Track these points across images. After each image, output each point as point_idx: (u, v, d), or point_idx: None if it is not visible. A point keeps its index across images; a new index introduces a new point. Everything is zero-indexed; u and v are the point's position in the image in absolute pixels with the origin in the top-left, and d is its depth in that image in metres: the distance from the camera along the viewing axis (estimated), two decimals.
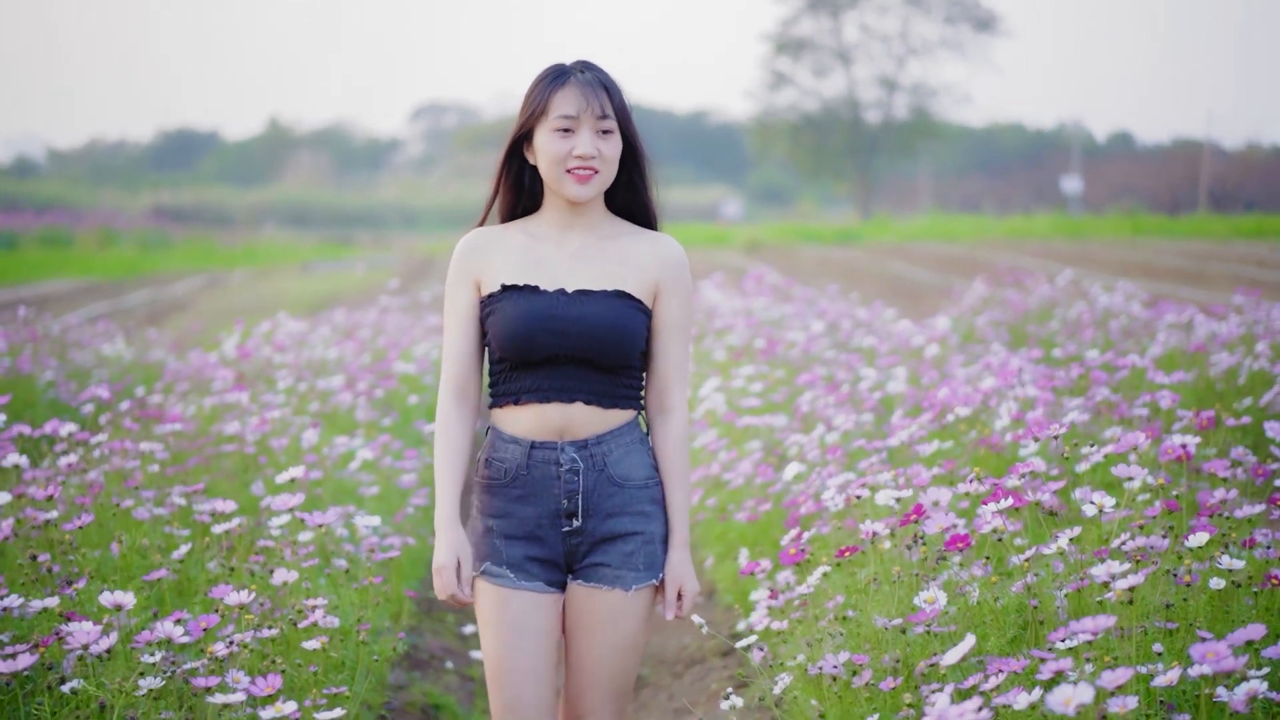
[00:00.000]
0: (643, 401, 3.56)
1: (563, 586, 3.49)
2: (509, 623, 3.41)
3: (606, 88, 3.44)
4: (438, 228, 56.17)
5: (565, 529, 3.45)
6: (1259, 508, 4.19)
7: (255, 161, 77.56)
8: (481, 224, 3.58)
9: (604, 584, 3.47)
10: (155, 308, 21.99)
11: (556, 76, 3.44)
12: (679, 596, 3.48)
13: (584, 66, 3.47)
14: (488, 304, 3.47)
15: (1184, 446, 4.49)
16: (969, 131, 72.13)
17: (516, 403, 3.45)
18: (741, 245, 37.39)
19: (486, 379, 3.56)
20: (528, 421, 3.44)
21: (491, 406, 3.53)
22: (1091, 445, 4.38)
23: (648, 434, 3.56)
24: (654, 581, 3.50)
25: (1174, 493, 4.04)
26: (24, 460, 4.92)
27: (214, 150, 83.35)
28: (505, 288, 3.45)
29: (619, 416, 3.48)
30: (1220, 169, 52.07)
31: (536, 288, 3.44)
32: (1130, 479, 4.17)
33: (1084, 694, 2.58)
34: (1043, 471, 4.63)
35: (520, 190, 3.54)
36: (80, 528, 4.28)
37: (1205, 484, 5.06)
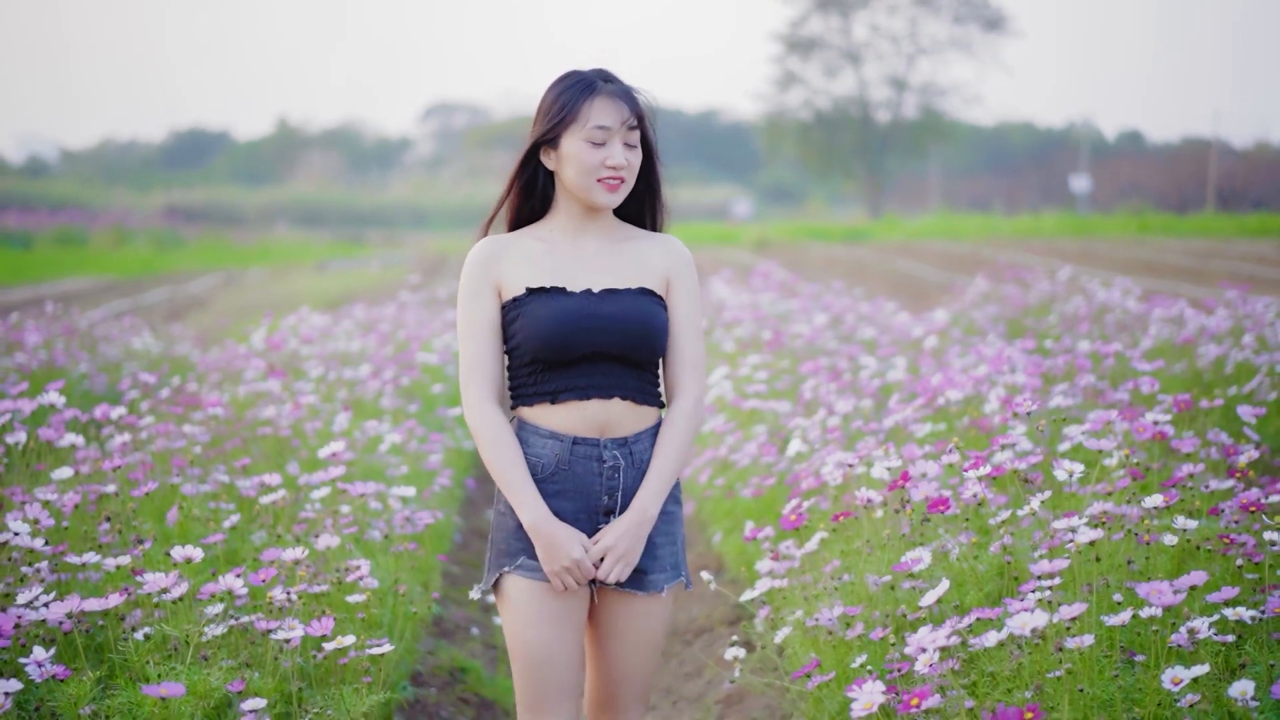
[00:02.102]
0: (663, 398, 3.59)
1: (592, 579, 3.48)
2: (547, 616, 3.43)
3: (632, 100, 3.48)
4: (449, 226, 56.53)
5: (603, 524, 3.47)
6: (1229, 483, 4.57)
7: (266, 161, 78.03)
8: (488, 225, 3.60)
9: (639, 589, 3.49)
10: (175, 304, 22.40)
11: (587, 86, 3.46)
12: (602, 557, 3.43)
13: (607, 76, 3.50)
14: (512, 308, 3.48)
15: (1155, 424, 4.89)
16: (978, 131, 72.36)
17: (554, 401, 3.45)
18: (750, 243, 37.74)
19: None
20: (566, 419, 3.45)
21: (517, 405, 3.53)
22: (1064, 420, 4.76)
23: None
24: (680, 579, 3.55)
25: (1135, 460, 4.40)
26: (79, 439, 5.35)
27: (225, 150, 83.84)
28: (530, 291, 3.46)
29: (650, 415, 3.52)
30: (1229, 168, 52.25)
31: (563, 289, 3.46)
32: (1108, 455, 4.58)
33: (1039, 619, 2.95)
34: (1026, 450, 5.02)
35: (531, 193, 3.57)
36: (147, 494, 4.67)
37: (1181, 462, 5.42)
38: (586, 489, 3.46)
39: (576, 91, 3.46)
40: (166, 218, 53.38)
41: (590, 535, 3.46)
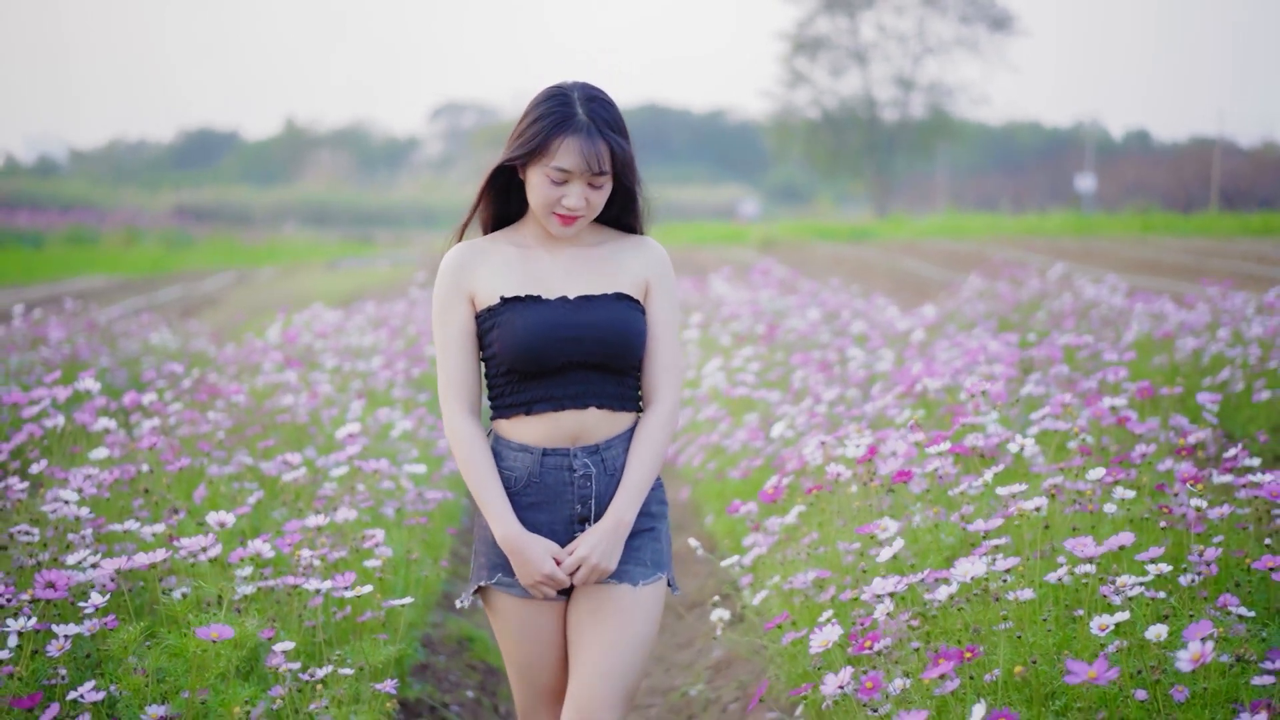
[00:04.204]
0: (641, 402, 3.56)
1: (569, 589, 3.50)
2: (529, 630, 3.48)
3: (608, 139, 3.38)
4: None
5: (578, 533, 3.46)
6: (1184, 464, 4.95)
7: (275, 161, 78.55)
8: (461, 234, 3.55)
9: (611, 579, 3.44)
10: (188, 302, 22.82)
11: (562, 121, 3.36)
12: (577, 567, 3.40)
13: (591, 110, 3.38)
14: (487, 318, 3.44)
15: (1113, 410, 5.29)
16: (986, 130, 72.69)
17: (529, 412, 3.43)
18: (756, 243, 38.09)
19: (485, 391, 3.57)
20: (539, 430, 3.43)
21: (494, 417, 3.52)
22: (1035, 405, 5.14)
23: None
24: (660, 576, 3.49)
25: (1086, 439, 4.77)
26: (112, 424, 5.75)
27: (234, 150, 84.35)
28: (505, 300, 3.42)
29: (626, 420, 3.49)
30: (1235, 167, 52.48)
31: (538, 297, 3.42)
32: (1068, 436, 4.97)
33: (977, 568, 3.34)
34: (993, 432, 5.41)
35: (508, 198, 3.53)
36: (180, 470, 5.08)
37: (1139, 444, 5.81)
38: (559, 499, 3.44)
39: (550, 124, 3.36)
40: (176, 217, 53.79)
41: (566, 544, 3.44)
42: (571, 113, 3.37)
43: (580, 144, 3.35)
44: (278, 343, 10.05)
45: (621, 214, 3.54)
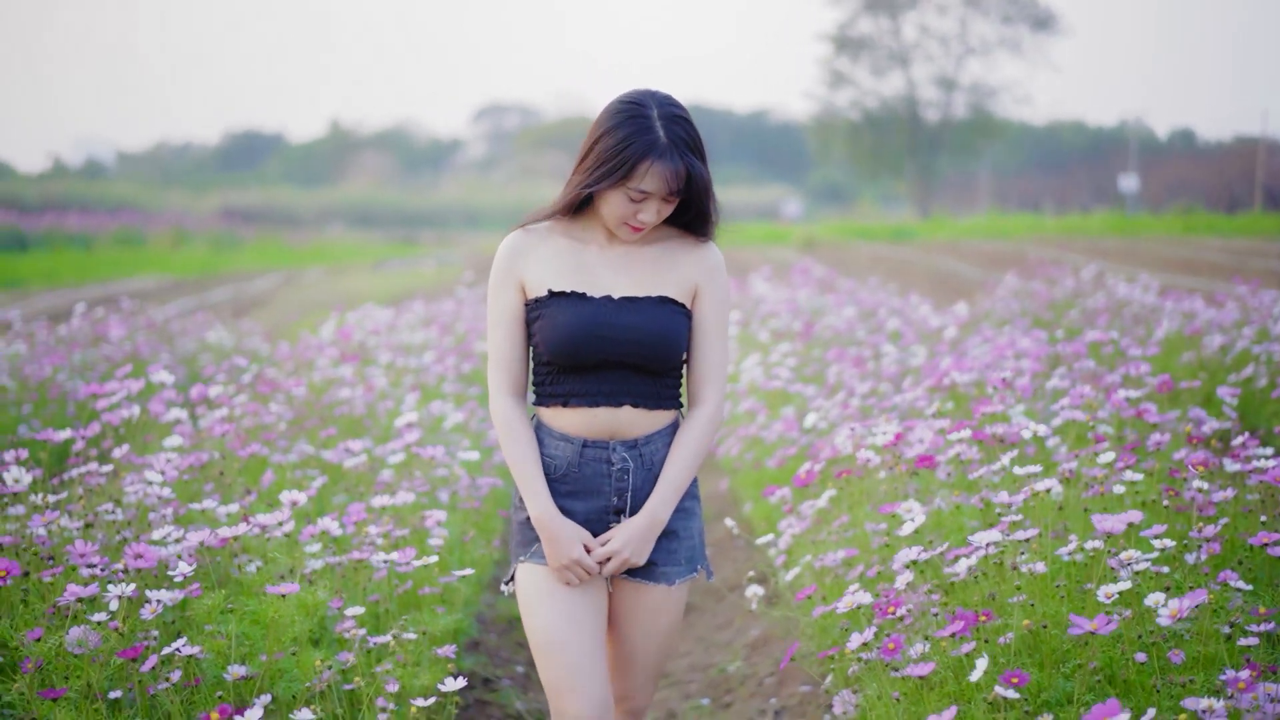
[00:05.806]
0: (683, 400, 3.65)
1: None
2: (560, 597, 3.49)
3: (688, 162, 3.43)
4: (500, 226, 57.15)
5: (613, 524, 3.55)
6: (1199, 454, 5.22)
7: (320, 163, 79.16)
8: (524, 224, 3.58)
9: (650, 580, 3.57)
10: (239, 302, 23.25)
11: (647, 148, 3.40)
12: (608, 558, 3.50)
13: (671, 133, 3.42)
14: (534, 308, 3.51)
15: (1128, 401, 5.57)
16: (1029, 130, 72.57)
17: (565, 404, 3.51)
18: (797, 243, 38.32)
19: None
20: (576, 422, 3.51)
21: (537, 404, 3.60)
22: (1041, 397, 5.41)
23: None
24: (694, 575, 3.64)
25: (1096, 424, 5.06)
26: (183, 414, 6.10)
27: (279, 152, 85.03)
28: (552, 294, 3.49)
29: (664, 417, 3.57)
30: (1279, 166, 52.22)
31: (584, 295, 3.48)
32: (1089, 426, 5.26)
33: (991, 535, 3.63)
34: (1017, 421, 5.69)
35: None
36: (250, 456, 5.43)
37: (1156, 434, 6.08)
38: (596, 490, 3.52)
39: (636, 151, 3.40)
40: (223, 219, 54.30)
41: (599, 535, 3.53)
42: (655, 138, 3.41)
43: (664, 170, 3.40)
44: (332, 339, 10.43)
45: (693, 223, 3.58)
